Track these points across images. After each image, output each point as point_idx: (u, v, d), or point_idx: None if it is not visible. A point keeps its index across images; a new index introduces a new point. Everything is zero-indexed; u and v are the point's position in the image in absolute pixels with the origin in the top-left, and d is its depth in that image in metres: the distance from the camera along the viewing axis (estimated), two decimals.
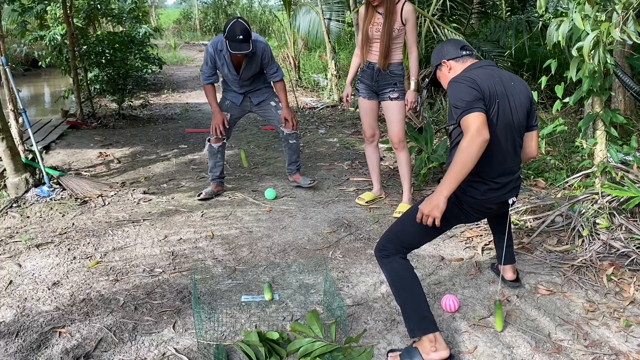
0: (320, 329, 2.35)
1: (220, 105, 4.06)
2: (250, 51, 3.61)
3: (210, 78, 3.97)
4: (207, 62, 3.89)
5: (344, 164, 5.14)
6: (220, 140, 4.07)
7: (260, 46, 3.81)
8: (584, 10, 2.55)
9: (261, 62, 3.89)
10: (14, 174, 4.25)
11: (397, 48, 3.57)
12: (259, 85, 4.06)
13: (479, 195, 2.26)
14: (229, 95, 4.10)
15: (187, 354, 2.26)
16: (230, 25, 3.57)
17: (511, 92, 2.26)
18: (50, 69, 12.28)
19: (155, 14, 23.21)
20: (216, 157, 4.14)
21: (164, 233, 3.51)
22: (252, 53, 3.75)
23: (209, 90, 4.00)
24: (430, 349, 2.13)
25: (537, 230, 3.32)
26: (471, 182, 2.23)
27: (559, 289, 2.75)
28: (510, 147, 2.28)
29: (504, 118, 2.22)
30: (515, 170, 2.33)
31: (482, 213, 2.36)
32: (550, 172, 4.35)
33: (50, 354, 2.27)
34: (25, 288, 2.82)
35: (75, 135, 6.50)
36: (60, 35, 8.37)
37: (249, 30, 3.58)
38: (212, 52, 3.83)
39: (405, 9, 3.49)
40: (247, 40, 3.58)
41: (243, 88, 4.02)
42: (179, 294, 2.74)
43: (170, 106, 8.89)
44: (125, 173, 4.90)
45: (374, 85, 3.68)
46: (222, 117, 3.99)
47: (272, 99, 4.10)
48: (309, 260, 3.12)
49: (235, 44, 3.56)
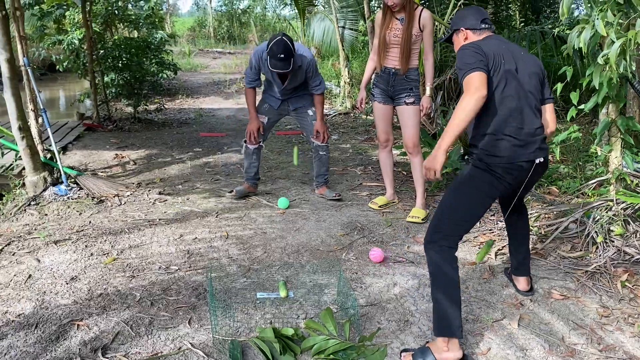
0: (335, 327, 2.37)
1: (258, 107, 4.06)
2: (290, 70, 3.60)
3: (253, 82, 3.96)
4: (252, 67, 3.89)
5: (357, 169, 5.17)
6: (256, 142, 4.09)
7: (305, 61, 3.79)
8: (606, 17, 2.56)
9: (305, 74, 3.87)
10: (32, 173, 4.32)
11: (415, 53, 3.61)
12: (300, 92, 4.04)
13: (504, 152, 2.25)
14: (268, 99, 4.09)
15: (202, 348, 2.29)
16: (273, 43, 3.55)
17: (520, 58, 2.33)
18: (66, 73, 12.46)
19: (170, 22, 23.47)
20: (251, 158, 4.14)
21: (180, 232, 3.56)
22: (298, 67, 3.74)
23: (249, 94, 4.00)
24: (443, 348, 2.15)
25: (551, 237, 3.32)
26: (493, 142, 2.26)
27: (572, 294, 2.76)
28: (527, 108, 2.30)
29: (513, 79, 2.26)
30: (538, 133, 2.33)
31: (514, 175, 2.29)
32: (563, 180, 4.35)
33: (69, 345, 2.30)
34: (44, 282, 2.87)
35: (92, 137, 6.59)
36: (78, 39, 8.51)
37: (291, 49, 3.55)
38: (258, 59, 3.82)
39: (423, 15, 3.53)
40: (288, 59, 3.55)
41: (284, 95, 4.02)
42: (194, 290, 2.78)
43: (185, 111, 8.99)
44: (140, 174, 4.96)
45: (389, 90, 3.71)
46: (257, 123, 3.99)
47: (310, 108, 4.07)
48: (322, 261, 3.14)
49: (276, 62, 3.55)
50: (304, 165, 5.27)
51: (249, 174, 4.20)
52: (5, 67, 4.03)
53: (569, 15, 2.70)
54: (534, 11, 12.94)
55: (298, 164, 4.26)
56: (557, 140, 3.67)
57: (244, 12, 26.08)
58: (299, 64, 3.73)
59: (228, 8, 26.01)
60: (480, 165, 2.26)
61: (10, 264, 3.11)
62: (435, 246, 2.25)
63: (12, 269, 3.03)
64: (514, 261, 2.76)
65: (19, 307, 2.61)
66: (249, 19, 25.07)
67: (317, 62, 4.03)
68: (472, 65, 2.17)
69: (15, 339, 2.35)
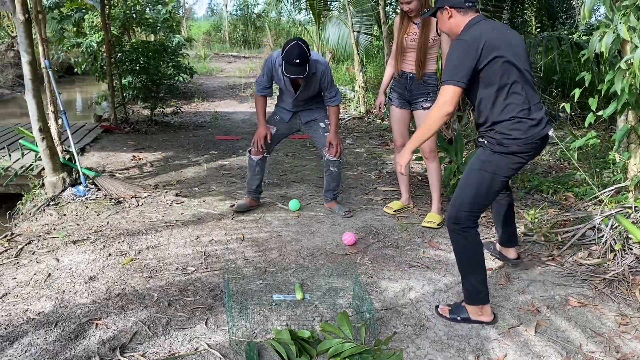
0: (350, 331, 2.38)
1: (268, 119, 3.91)
2: (305, 76, 3.46)
3: (265, 91, 3.79)
4: (264, 74, 3.72)
5: (372, 174, 5.18)
6: (260, 153, 3.90)
7: (320, 68, 3.63)
8: (629, 21, 2.55)
9: (320, 84, 3.71)
10: (52, 173, 4.39)
11: (432, 58, 3.61)
12: (312, 105, 3.88)
13: (522, 134, 2.39)
14: (279, 111, 3.95)
15: (219, 349, 2.31)
16: (288, 47, 3.40)
17: (509, 40, 2.42)
18: (83, 76, 12.65)
19: (186, 25, 23.68)
20: (254, 170, 3.96)
21: (196, 234, 3.59)
22: (312, 74, 3.59)
23: (259, 101, 3.84)
24: (477, 313, 2.51)
25: (568, 243, 3.30)
26: (511, 126, 2.40)
27: (590, 301, 2.74)
28: (528, 86, 2.44)
29: (512, 64, 2.38)
30: (540, 105, 2.50)
31: (532, 153, 2.48)
32: (580, 187, 4.32)
33: (88, 344, 2.33)
34: (63, 281, 2.91)
35: (109, 139, 6.67)
36: (96, 42, 8.63)
37: (307, 54, 3.40)
38: (270, 67, 3.67)
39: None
40: (304, 64, 3.39)
41: (296, 107, 3.87)
42: (211, 292, 2.80)
43: (200, 114, 9.06)
44: (157, 176, 5.01)
45: (407, 94, 3.72)
46: (265, 131, 3.82)
47: (323, 121, 3.88)
48: (337, 265, 3.15)
49: (291, 67, 3.39)
50: (318, 168, 5.29)
51: (251, 187, 4.02)
52: (28, 70, 4.11)
53: (589, 20, 2.69)
54: (550, 17, 12.88)
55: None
56: (574, 146, 3.65)
57: (258, 17, 26.23)
58: (313, 71, 3.59)
59: (243, 12, 26.19)
60: (501, 149, 2.41)
61: (30, 262, 3.16)
62: (460, 227, 2.46)
63: (32, 268, 3.08)
64: (505, 235, 3.02)
65: (39, 305, 2.65)
66: (264, 24, 25.20)
67: (332, 71, 3.84)
68: (455, 77, 2.34)
69: (35, 336, 2.39)
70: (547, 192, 4.32)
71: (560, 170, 5.05)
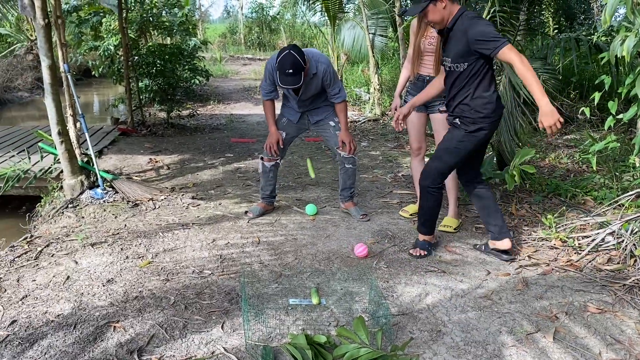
0: (367, 336, 2.37)
1: (276, 122, 3.87)
2: (299, 85, 3.44)
3: (270, 94, 3.77)
4: (266, 78, 3.71)
5: (387, 177, 5.16)
6: (273, 159, 3.91)
7: (321, 67, 3.58)
8: None
9: (322, 83, 3.67)
10: (70, 176, 4.44)
11: None
12: (319, 103, 3.84)
13: (494, 111, 2.95)
14: (286, 113, 3.92)
15: (235, 353, 2.32)
16: (280, 57, 3.38)
17: None
18: (100, 78, 12.79)
19: (202, 28, 23.85)
20: (267, 176, 3.96)
21: (212, 237, 3.61)
22: (313, 74, 3.57)
23: (267, 106, 3.82)
24: (431, 240, 3.34)
25: (587, 249, 3.26)
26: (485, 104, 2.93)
27: (609, 308, 2.70)
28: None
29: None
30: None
31: (497, 126, 3.12)
32: (599, 191, 4.26)
33: (106, 347, 2.36)
34: (82, 284, 2.95)
35: (126, 142, 6.73)
36: (113, 46, 8.72)
37: (299, 62, 3.37)
38: (270, 71, 3.63)
39: None
40: (298, 74, 3.37)
41: (302, 107, 3.83)
42: (227, 295, 2.81)
43: (216, 117, 9.12)
44: (174, 179, 5.05)
45: None
46: (277, 136, 3.80)
47: (332, 119, 3.85)
48: (353, 269, 3.15)
49: (285, 77, 3.39)
50: (333, 171, 5.29)
51: (265, 193, 4.04)
52: (47, 74, 4.16)
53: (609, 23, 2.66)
54: (568, 18, 12.75)
55: (315, 176, 4.03)
56: (593, 150, 3.60)
57: (273, 19, 26.32)
58: (313, 72, 3.55)
59: (258, 15, 26.28)
60: (473, 127, 2.95)
61: (50, 265, 3.20)
62: (437, 187, 3.13)
63: (51, 270, 3.12)
64: (495, 228, 3.23)
65: (58, 307, 2.69)
66: (279, 26, 25.29)
67: (334, 69, 3.80)
68: (503, 38, 2.74)
69: (54, 338, 2.42)
70: (566, 196, 4.27)
71: (578, 173, 4.99)
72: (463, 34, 2.85)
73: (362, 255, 3.30)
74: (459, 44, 2.89)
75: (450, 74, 3.01)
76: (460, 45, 2.88)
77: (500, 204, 4.21)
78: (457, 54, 2.91)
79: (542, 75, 5.83)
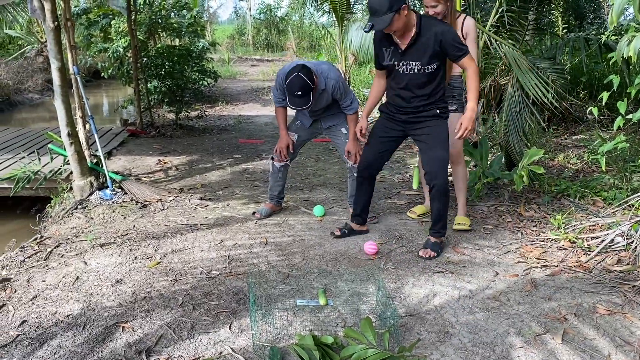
0: (374, 337, 2.37)
1: (289, 125, 3.91)
2: (308, 106, 3.47)
3: (282, 102, 3.75)
4: (277, 88, 3.71)
5: (395, 178, 5.16)
6: (283, 160, 3.93)
7: (330, 83, 3.59)
8: None
9: (332, 96, 3.67)
10: (80, 177, 4.48)
11: None
12: (332, 111, 3.83)
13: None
14: (299, 116, 3.93)
15: (242, 354, 2.32)
16: (289, 80, 3.41)
17: None
18: (109, 80, 12.89)
19: (210, 30, 23.94)
20: (276, 176, 3.99)
21: (220, 238, 3.62)
22: (322, 90, 3.60)
23: (279, 112, 3.84)
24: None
25: (596, 249, 3.24)
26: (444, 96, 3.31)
27: (619, 309, 2.68)
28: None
29: None
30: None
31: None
32: (608, 191, 4.24)
33: (115, 347, 2.37)
34: (91, 284, 2.97)
35: (135, 143, 6.77)
36: (122, 47, 8.78)
37: (308, 85, 3.39)
38: (280, 82, 3.62)
39: (466, 23, 3.51)
40: (307, 95, 3.42)
41: (314, 116, 3.86)
42: (234, 296, 2.82)
43: (224, 118, 9.15)
44: (182, 180, 5.08)
45: None
46: (287, 141, 3.84)
47: (344, 126, 3.85)
48: (360, 270, 3.15)
49: (294, 99, 3.43)
50: (341, 172, 5.29)
51: (273, 193, 4.06)
52: (57, 76, 4.20)
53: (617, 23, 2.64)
54: (577, 17, 12.65)
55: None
56: (602, 150, 3.58)
57: (282, 20, 26.37)
58: (322, 87, 3.58)
59: (266, 16, 26.35)
60: (446, 116, 3.29)
61: (59, 265, 3.23)
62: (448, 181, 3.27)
63: (60, 271, 3.14)
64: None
65: (68, 308, 2.71)
66: (287, 27, 25.33)
67: (345, 82, 3.77)
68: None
69: (64, 338, 2.44)
70: (575, 197, 4.25)
71: (588, 174, 4.96)
72: (434, 36, 3.03)
73: (371, 252, 3.31)
74: (430, 47, 3.05)
75: (416, 76, 3.16)
76: (432, 47, 3.05)
77: (508, 204, 4.20)
78: (430, 55, 3.08)
79: (550, 75, 5.79)
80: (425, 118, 3.26)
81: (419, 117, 3.27)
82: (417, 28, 3.04)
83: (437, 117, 3.26)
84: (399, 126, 3.37)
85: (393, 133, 3.41)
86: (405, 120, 3.32)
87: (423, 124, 3.27)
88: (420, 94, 3.21)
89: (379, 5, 2.90)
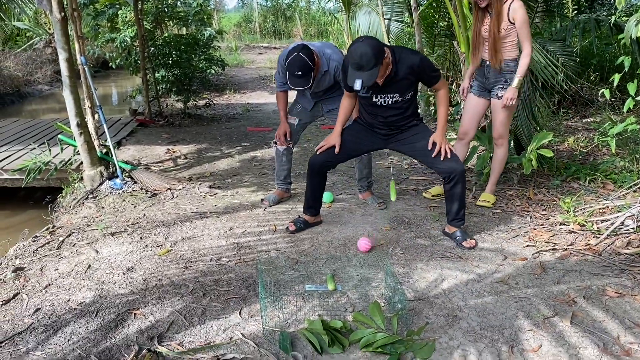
0: (382, 321, 2.39)
1: (290, 109, 3.93)
2: (309, 86, 3.47)
3: (284, 86, 3.76)
4: (279, 71, 3.71)
5: (403, 163, 5.15)
6: (285, 144, 3.94)
7: (332, 65, 3.58)
8: None
9: (334, 78, 3.66)
10: (90, 167, 4.52)
11: (508, 46, 3.53)
12: (333, 93, 3.81)
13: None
14: (300, 100, 3.92)
15: (253, 339, 2.35)
16: (290, 59, 3.40)
17: None
18: (118, 70, 12.91)
19: (217, 18, 23.86)
20: (281, 160, 4.00)
21: (229, 225, 3.64)
22: (324, 71, 3.59)
23: (280, 97, 3.86)
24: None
25: (606, 232, 3.23)
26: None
27: (628, 291, 2.67)
28: None
29: None
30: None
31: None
32: (619, 174, 4.20)
33: (127, 333, 2.41)
34: (103, 272, 3.01)
35: (144, 133, 6.81)
36: (130, 37, 8.78)
37: (308, 64, 3.38)
38: (282, 64, 3.59)
39: (512, 6, 3.45)
40: (307, 75, 3.41)
41: (315, 98, 3.85)
42: (244, 282, 2.85)
43: (232, 106, 9.15)
44: (191, 168, 5.10)
45: (485, 81, 3.72)
46: (285, 127, 3.87)
47: None
48: (369, 255, 3.16)
49: (294, 79, 3.43)
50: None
51: (279, 178, 4.08)
52: (65, 66, 4.22)
53: (626, 3, 2.60)
54: None
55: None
56: (612, 133, 3.55)
57: (288, 7, 26.23)
58: (324, 69, 3.57)
59: (273, 3, 26.23)
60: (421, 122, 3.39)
61: (71, 254, 3.27)
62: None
63: (72, 260, 3.19)
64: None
65: (80, 295, 2.75)
66: (294, 14, 25.20)
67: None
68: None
69: (77, 325, 2.48)
70: (584, 180, 4.22)
71: (598, 157, 4.92)
72: (410, 70, 3.08)
73: (365, 249, 3.22)
74: (407, 79, 3.12)
75: (394, 105, 3.22)
76: (409, 79, 3.13)
77: (517, 188, 4.18)
78: (407, 87, 3.17)
79: (560, 58, 5.72)
80: (404, 128, 3.34)
81: (398, 127, 3.33)
82: (392, 65, 3.05)
83: (414, 125, 3.34)
84: (379, 139, 3.40)
85: (371, 144, 3.44)
86: (385, 134, 3.36)
87: (404, 132, 3.34)
88: (397, 114, 3.27)
89: (366, 62, 2.85)
